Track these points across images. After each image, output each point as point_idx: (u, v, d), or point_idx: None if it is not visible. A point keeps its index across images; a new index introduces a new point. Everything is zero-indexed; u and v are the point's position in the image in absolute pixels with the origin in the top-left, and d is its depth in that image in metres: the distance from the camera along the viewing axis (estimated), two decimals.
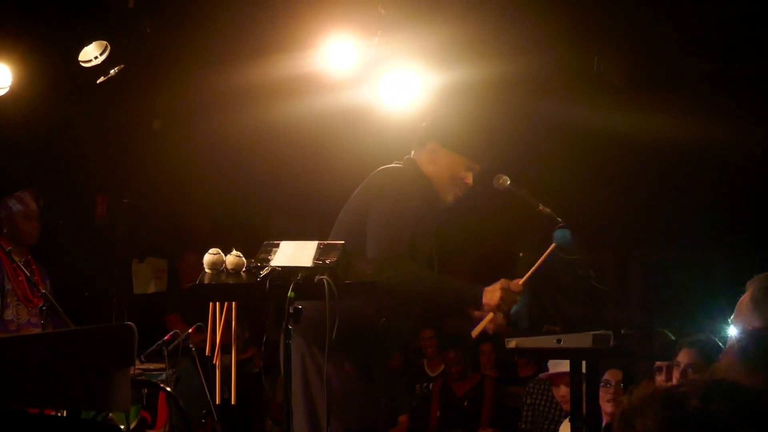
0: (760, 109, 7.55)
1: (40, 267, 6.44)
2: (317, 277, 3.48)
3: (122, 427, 4.51)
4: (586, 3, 6.57)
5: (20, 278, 6.14)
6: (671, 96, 7.48)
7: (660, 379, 4.66)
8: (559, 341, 3.87)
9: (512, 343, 4.01)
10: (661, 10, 6.62)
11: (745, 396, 1.87)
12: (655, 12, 6.65)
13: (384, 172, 4.39)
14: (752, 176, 8.81)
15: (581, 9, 6.58)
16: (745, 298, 2.66)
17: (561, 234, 4.21)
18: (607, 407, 5.09)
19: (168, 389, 4.74)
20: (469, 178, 4.44)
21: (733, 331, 2.72)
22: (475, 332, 4.34)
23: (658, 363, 4.74)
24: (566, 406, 5.74)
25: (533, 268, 4.25)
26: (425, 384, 9.25)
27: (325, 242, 3.66)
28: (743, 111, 7.47)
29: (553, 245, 4.21)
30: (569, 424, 4.30)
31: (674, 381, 4.22)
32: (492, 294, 4.14)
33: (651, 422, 1.81)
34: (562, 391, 5.79)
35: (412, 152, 4.49)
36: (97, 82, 6.52)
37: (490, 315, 4.15)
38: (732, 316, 2.69)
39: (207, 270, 3.67)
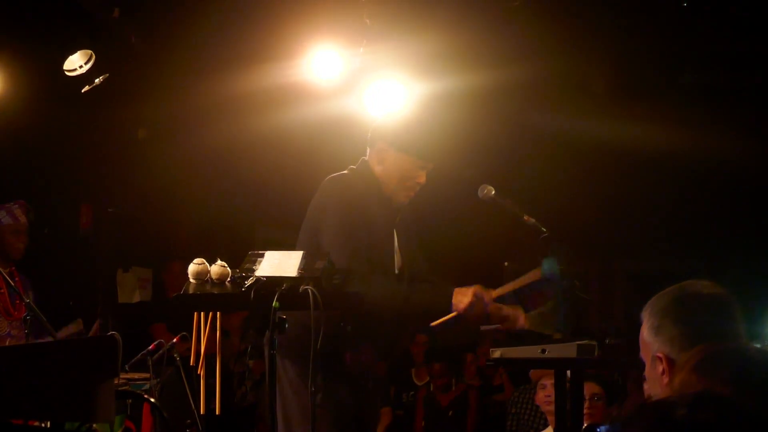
0: (744, 119, 7.60)
1: (24, 279, 6.38)
2: (302, 287, 3.48)
3: None
4: (570, 13, 6.59)
5: (2, 290, 6.09)
6: (656, 106, 7.51)
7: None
8: (543, 351, 3.88)
9: (496, 353, 4.02)
10: (645, 21, 6.65)
11: (730, 406, 1.89)
12: (639, 22, 6.68)
13: (328, 183, 4.35)
14: (737, 186, 8.86)
15: (566, 19, 6.61)
16: (643, 330, 2.58)
17: (549, 266, 4.21)
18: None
19: (152, 400, 4.72)
20: (422, 177, 4.37)
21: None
22: (435, 323, 4.36)
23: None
24: (547, 408, 5.70)
25: (512, 286, 4.26)
26: (411, 393, 9.26)
27: (310, 252, 3.66)
28: (727, 121, 7.50)
29: (537, 272, 4.23)
30: None
31: None
32: (462, 296, 4.16)
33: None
34: (548, 390, 5.72)
35: (367, 153, 4.47)
36: (82, 91, 6.51)
37: (454, 313, 4.18)
38: (640, 353, 2.62)
39: (192, 280, 3.66)
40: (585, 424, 5.02)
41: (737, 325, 2.52)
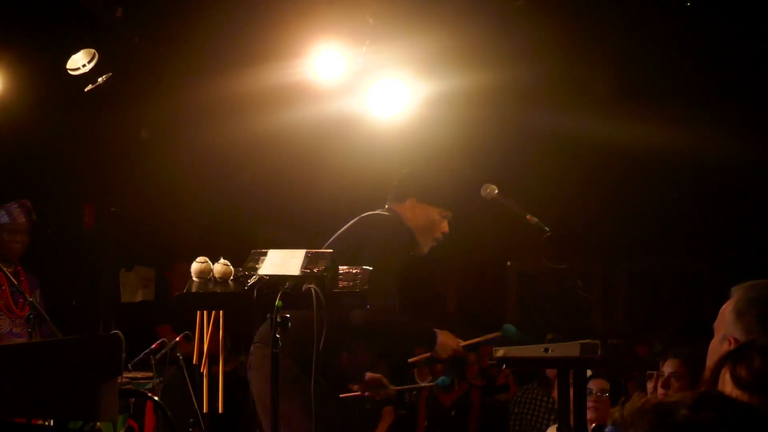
0: (746, 120, 7.59)
1: (30, 277, 6.37)
2: (305, 286, 3.47)
3: None
4: (574, 13, 6.59)
5: (3, 287, 6.09)
6: (659, 107, 7.51)
7: (650, 387, 4.67)
8: (546, 350, 3.88)
9: (500, 353, 4.02)
10: (648, 21, 6.65)
11: (733, 406, 1.89)
12: (642, 23, 6.67)
13: (377, 218, 4.54)
14: (740, 187, 8.86)
15: (570, 20, 6.61)
16: (728, 306, 2.69)
17: (507, 327, 4.60)
18: (587, 414, 5.08)
19: (155, 398, 4.72)
20: (446, 227, 4.64)
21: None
22: (413, 359, 5.11)
23: (649, 372, 4.75)
24: None
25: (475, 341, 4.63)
26: (414, 392, 9.25)
27: (313, 251, 3.65)
28: (730, 122, 7.50)
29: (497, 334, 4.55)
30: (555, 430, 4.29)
31: (658, 390, 4.24)
32: (448, 342, 4.46)
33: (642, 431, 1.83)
34: None
35: (392, 203, 4.65)
36: (85, 90, 6.50)
37: (427, 354, 4.60)
38: (715, 322, 2.73)
39: (195, 278, 3.66)
40: (589, 419, 5.03)
41: None
